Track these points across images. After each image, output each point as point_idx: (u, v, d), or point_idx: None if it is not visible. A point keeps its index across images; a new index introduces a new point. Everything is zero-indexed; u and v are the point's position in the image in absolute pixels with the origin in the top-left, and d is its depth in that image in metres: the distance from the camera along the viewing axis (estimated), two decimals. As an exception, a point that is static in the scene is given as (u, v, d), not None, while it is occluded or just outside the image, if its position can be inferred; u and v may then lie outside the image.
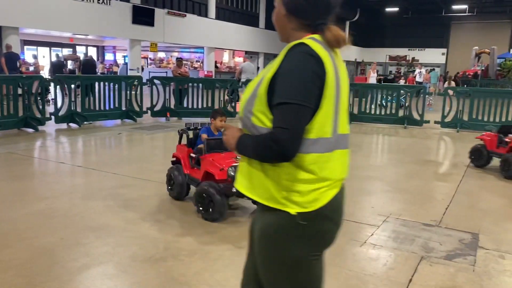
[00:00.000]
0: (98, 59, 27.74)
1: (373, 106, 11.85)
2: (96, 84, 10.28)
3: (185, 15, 23.45)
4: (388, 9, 39.95)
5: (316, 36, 1.43)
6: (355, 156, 7.39)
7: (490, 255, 3.45)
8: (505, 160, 6.13)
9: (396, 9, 39.23)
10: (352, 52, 43.27)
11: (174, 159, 4.73)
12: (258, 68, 30.41)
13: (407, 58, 38.41)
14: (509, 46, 38.15)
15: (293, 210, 1.37)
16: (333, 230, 1.49)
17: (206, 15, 25.62)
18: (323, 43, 1.41)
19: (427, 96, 12.16)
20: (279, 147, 1.30)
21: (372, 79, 16.59)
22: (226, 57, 32.26)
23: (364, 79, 18.21)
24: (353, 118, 11.58)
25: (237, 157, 3.98)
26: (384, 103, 12.02)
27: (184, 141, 4.79)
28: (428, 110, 12.87)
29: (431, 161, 7.28)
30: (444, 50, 42.52)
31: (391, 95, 12.20)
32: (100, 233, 3.62)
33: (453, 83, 16.89)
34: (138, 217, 4.02)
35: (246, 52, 29.54)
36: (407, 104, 11.42)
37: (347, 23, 42.15)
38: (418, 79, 20.46)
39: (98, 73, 20.02)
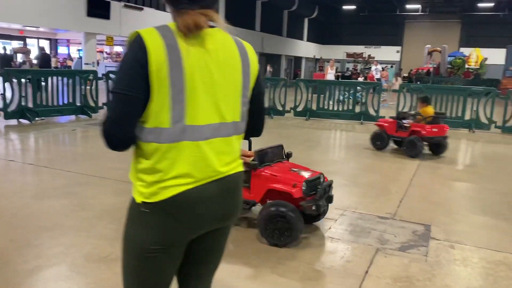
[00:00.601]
0: (51, 53, 26.64)
1: (331, 102, 12.08)
2: (49, 78, 9.88)
3: (143, 9, 22.92)
4: (345, 7, 40.76)
5: (171, 22, 1.40)
6: (313, 151, 7.52)
7: (441, 246, 3.60)
8: (410, 141, 7.12)
9: (353, 7, 40.09)
10: (310, 49, 43.99)
11: None
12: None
13: (364, 56, 39.37)
14: (459, 45, 39.92)
15: (138, 198, 1.39)
16: (177, 228, 1.39)
17: (164, 9, 25.14)
18: (169, 30, 1.36)
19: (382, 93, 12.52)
20: (103, 134, 1.35)
21: (330, 75, 16.86)
22: (185, 52, 31.93)
23: (322, 75, 18.51)
24: (312, 114, 11.77)
25: (293, 168, 3.72)
26: (342, 99, 12.28)
27: None
28: (383, 106, 13.27)
29: (386, 155, 7.50)
30: (399, 48, 43.89)
31: (348, 92, 12.48)
32: (53, 233, 3.48)
33: (400, 80, 17.47)
34: (93, 216, 3.90)
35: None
36: (363, 100, 11.71)
37: (306, 20, 42.70)
38: (376, 76, 20.92)
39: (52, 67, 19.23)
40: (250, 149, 3.82)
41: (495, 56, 32.12)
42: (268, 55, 37.31)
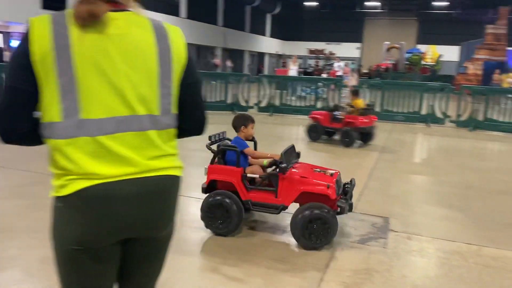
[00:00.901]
0: (3, 46, 25.39)
1: (293, 98, 12.19)
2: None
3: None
4: (307, 4, 41.19)
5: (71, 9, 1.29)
6: (276, 146, 7.55)
7: (399, 237, 3.71)
8: (345, 132, 7.58)
9: (315, 3, 40.58)
10: (273, 45, 44.18)
11: (206, 185, 3.65)
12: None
13: (325, 52, 39.94)
14: (416, 42, 41.22)
15: (51, 192, 1.34)
16: (91, 227, 1.29)
17: None
18: (63, 16, 1.27)
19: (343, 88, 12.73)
20: None
21: (293, 71, 17.00)
22: (146, 47, 31.31)
23: (285, 71, 18.62)
24: (275, 110, 11.84)
25: (316, 168, 3.69)
26: (304, 95, 12.41)
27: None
28: (345, 102, 13.53)
29: (346, 150, 7.65)
30: (359, 45, 44.82)
31: (310, 87, 12.63)
32: (5, 236, 3.33)
33: (356, 76, 17.87)
34: (49, 217, 3.75)
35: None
36: (324, 96, 11.88)
37: (268, 15, 42.81)
38: (338, 72, 21.23)
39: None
40: (255, 149, 3.84)
41: (450, 53, 33.40)
42: (231, 51, 37.18)
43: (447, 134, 9.96)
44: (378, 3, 40.20)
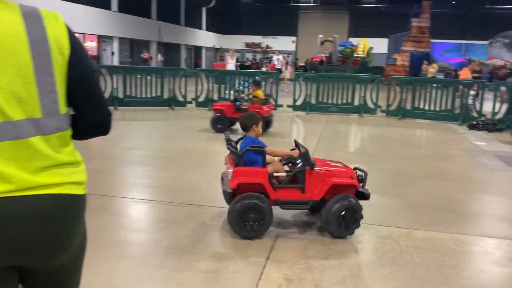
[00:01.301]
0: None
1: (232, 92, 12.17)
2: None
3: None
4: (242, -3, 41.23)
5: None
6: (216, 142, 7.51)
7: (336, 225, 3.81)
8: None
9: (250, -3, 40.71)
10: (210, 39, 43.84)
11: (233, 189, 3.39)
12: (112, 53, 28.76)
13: (262, 46, 40.32)
14: (348, 35, 42.71)
15: None
16: None
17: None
18: None
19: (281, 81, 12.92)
20: None
21: (231, 65, 16.98)
22: (76, 42, 29.78)
23: (223, 65, 18.56)
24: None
25: (327, 161, 3.86)
26: (241, 89, 12.41)
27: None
28: (282, 95, 13.73)
29: (284, 142, 7.76)
30: (294, 38, 45.66)
31: (248, 81, 12.65)
32: None
33: (290, 69, 18.26)
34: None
35: (99, 36, 27.70)
36: (263, 90, 11.96)
37: (204, 9, 42.36)
38: (277, 65, 21.43)
39: None
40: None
41: (379, 45, 34.96)
42: (167, 45, 36.38)
43: (379, 123, 10.43)
44: (311, -3, 41.14)
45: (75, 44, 1.24)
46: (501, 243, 3.60)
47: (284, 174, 3.61)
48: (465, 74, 11.75)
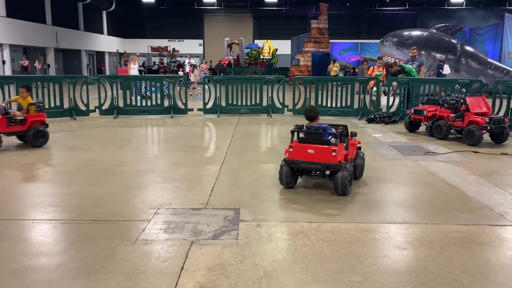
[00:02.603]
0: None
1: (138, 98, 11.78)
2: None
3: None
4: (144, 0, 40.15)
5: None
6: (123, 151, 7.20)
7: (249, 226, 3.85)
8: (38, 131, 7.20)
9: (152, 0, 39.76)
10: (113, 43, 42.02)
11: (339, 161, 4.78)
12: (3, 62, 26.30)
13: (169, 49, 39.60)
14: (253, 37, 43.62)
15: None
16: None
17: None
18: None
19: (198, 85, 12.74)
20: None
21: (133, 70, 16.42)
22: (-43, 50, 26.69)
23: (127, 71, 17.86)
24: (120, 111, 11.28)
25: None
26: (149, 94, 12.07)
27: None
28: (196, 99, 13.64)
29: (197, 146, 7.70)
30: (201, 41, 45.55)
31: (155, 86, 12.35)
32: None
33: (196, 72, 18.24)
34: None
35: (-15, 44, 25.29)
36: (170, 94, 11.75)
37: (104, 12, 40.50)
38: (186, 69, 20.88)
39: None
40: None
41: (283, 46, 36.22)
42: (65, 51, 34.19)
43: (286, 122, 10.77)
44: (214, 0, 41.34)
45: None
46: (400, 227, 3.90)
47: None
48: (371, 71, 12.68)
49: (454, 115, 8.17)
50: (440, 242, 3.57)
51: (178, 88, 11.83)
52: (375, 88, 11.78)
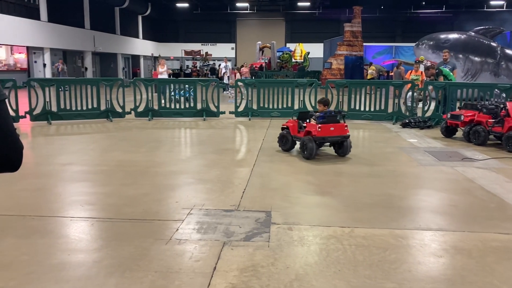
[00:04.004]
0: None
1: (163, 101, 11.99)
2: None
3: None
4: (178, 5, 40.85)
5: None
6: (157, 152, 7.34)
7: (281, 229, 3.85)
8: None
9: (186, 5, 40.43)
10: (148, 47, 42.99)
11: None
12: (44, 65, 27.35)
13: (202, 53, 40.17)
14: (285, 41, 43.62)
15: None
16: None
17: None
18: None
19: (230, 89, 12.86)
20: None
21: (163, 75, 16.35)
22: (2, 54, 27.96)
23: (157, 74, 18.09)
24: (154, 114, 11.51)
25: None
26: (177, 97, 12.26)
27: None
28: (229, 102, 13.77)
29: (229, 149, 7.76)
30: (233, 45, 45.92)
31: (189, 89, 12.51)
32: None
33: (238, 75, 18.38)
34: None
35: (29, 48, 26.33)
36: (203, 98, 11.89)
37: (139, 17, 41.50)
38: (224, 72, 20.84)
39: None
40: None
41: (315, 50, 36.04)
42: (102, 54, 35.22)
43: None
44: (247, 4, 41.62)
45: None
46: (436, 234, 3.80)
47: None
48: (409, 75, 12.47)
49: (494, 120, 7.90)
50: (479, 250, 3.46)
51: (212, 90, 11.97)
52: (410, 93, 11.54)
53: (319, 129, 6.50)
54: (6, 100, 1.11)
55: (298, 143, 7.09)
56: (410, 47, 27.99)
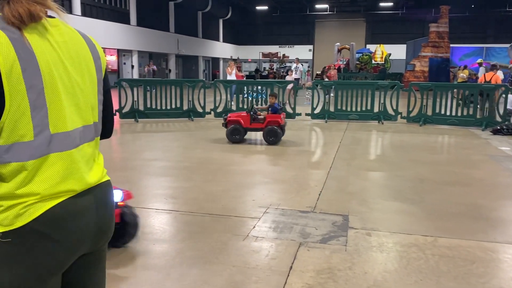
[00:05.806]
0: None
1: (233, 103, 12.23)
2: None
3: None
4: (258, 8, 41.51)
5: None
6: (235, 151, 7.54)
7: (359, 234, 3.77)
8: None
9: (265, 7, 40.97)
10: (227, 50, 44.21)
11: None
12: (132, 66, 29.24)
13: (279, 55, 40.43)
14: (365, 42, 42.49)
15: None
16: (53, 249, 1.17)
17: (70, 12, 23.76)
18: (2, 22, 1.12)
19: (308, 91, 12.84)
20: None
21: (232, 76, 16.21)
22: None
23: (241, 76, 18.46)
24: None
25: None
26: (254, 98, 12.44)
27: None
28: (304, 104, 13.74)
29: (305, 151, 7.75)
30: (311, 47, 45.66)
31: (262, 90, 12.65)
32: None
33: (309, 77, 18.05)
34: None
35: (119, 50, 28.29)
36: (284, 101, 11.98)
37: (220, 21, 42.79)
38: (294, 75, 20.28)
39: None
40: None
41: (397, 51, 34.67)
42: (185, 57, 36.81)
43: (399, 130, 10.30)
44: (327, 5, 41.16)
45: (106, 65, 1.45)
46: (531, 250, 3.49)
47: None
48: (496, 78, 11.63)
49: None
50: None
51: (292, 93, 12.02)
52: (510, 96, 10.68)
53: (283, 118, 7.98)
54: None
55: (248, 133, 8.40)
56: (503, 48, 25.90)
